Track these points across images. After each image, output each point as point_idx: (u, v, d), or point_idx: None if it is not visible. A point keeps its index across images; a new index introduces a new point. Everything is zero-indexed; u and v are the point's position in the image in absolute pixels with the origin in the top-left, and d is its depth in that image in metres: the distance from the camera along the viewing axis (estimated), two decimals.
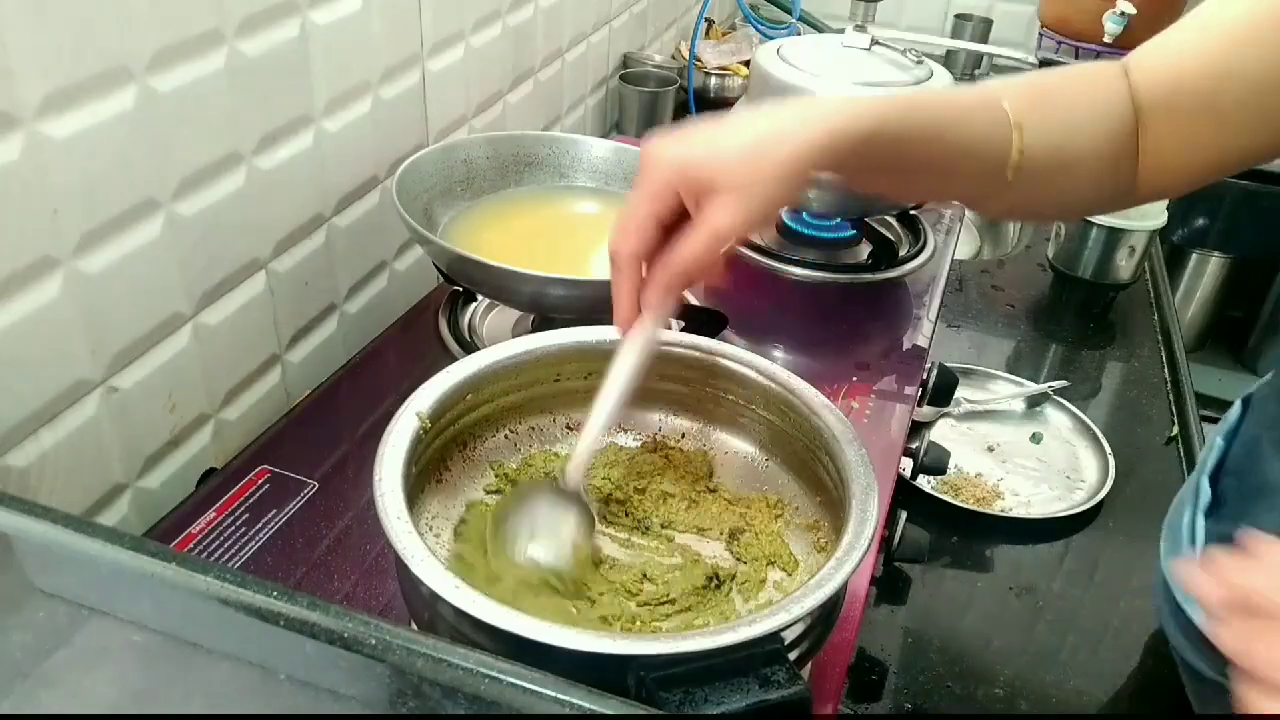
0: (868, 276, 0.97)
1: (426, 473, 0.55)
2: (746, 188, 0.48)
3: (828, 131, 0.49)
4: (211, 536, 0.62)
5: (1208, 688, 0.68)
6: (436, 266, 0.79)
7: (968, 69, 1.87)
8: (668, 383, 0.62)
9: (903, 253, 1.02)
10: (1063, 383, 1.13)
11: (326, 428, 0.73)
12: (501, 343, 0.59)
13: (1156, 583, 0.76)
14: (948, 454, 0.87)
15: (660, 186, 0.49)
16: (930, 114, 0.54)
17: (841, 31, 0.98)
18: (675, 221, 0.50)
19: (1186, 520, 0.71)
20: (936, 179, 0.58)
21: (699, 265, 0.49)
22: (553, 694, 0.33)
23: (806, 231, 1.03)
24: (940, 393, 0.88)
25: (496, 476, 0.59)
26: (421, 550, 0.43)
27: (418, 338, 0.83)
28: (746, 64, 1.59)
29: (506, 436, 0.60)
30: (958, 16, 1.99)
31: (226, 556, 0.61)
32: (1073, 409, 1.09)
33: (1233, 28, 0.57)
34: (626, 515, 0.57)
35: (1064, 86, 0.60)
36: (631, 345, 0.53)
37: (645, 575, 0.53)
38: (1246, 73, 0.56)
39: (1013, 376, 1.14)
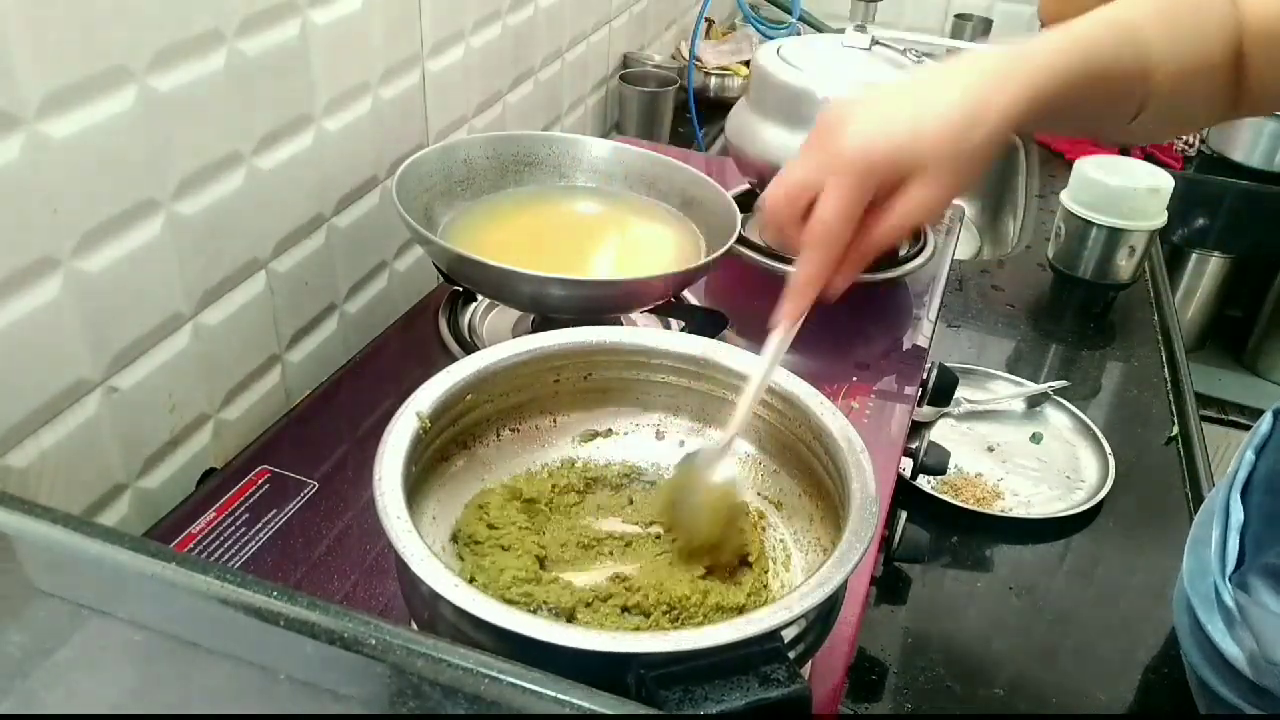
0: (867, 276, 0.97)
1: (426, 473, 0.55)
2: (952, 168, 0.48)
3: (1029, 95, 0.48)
4: (211, 536, 0.62)
5: (1222, 708, 0.67)
6: (436, 266, 0.79)
7: None
8: (668, 383, 0.62)
9: (903, 253, 1.02)
10: (1063, 383, 1.13)
11: (326, 428, 0.73)
12: (501, 343, 0.59)
13: (1177, 597, 0.75)
14: (948, 454, 0.87)
15: (868, 178, 0.48)
16: (1098, 58, 0.53)
17: (841, 31, 0.98)
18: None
19: (1216, 538, 0.69)
20: (1085, 120, 0.58)
21: (896, 242, 0.49)
22: (553, 694, 0.33)
23: None
24: (940, 393, 0.88)
25: (497, 476, 0.59)
26: (421, 550, 0.43)
27: (418, 338, 0.83)
28: (746, 64, 1.59)
29: (507, 436, 0.60)
30: (958, 16, 1.99)
31: (226, 556, 0.61)
32: (1073, 409, 1.09)
33: None
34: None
35: (1187, 9, 0.59)
36: (792, 323, 0.53)
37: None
38: None
39: (1013, 376, 1.14)
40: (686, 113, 1.50)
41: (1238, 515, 0.69)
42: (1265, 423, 0.72)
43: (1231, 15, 0.59)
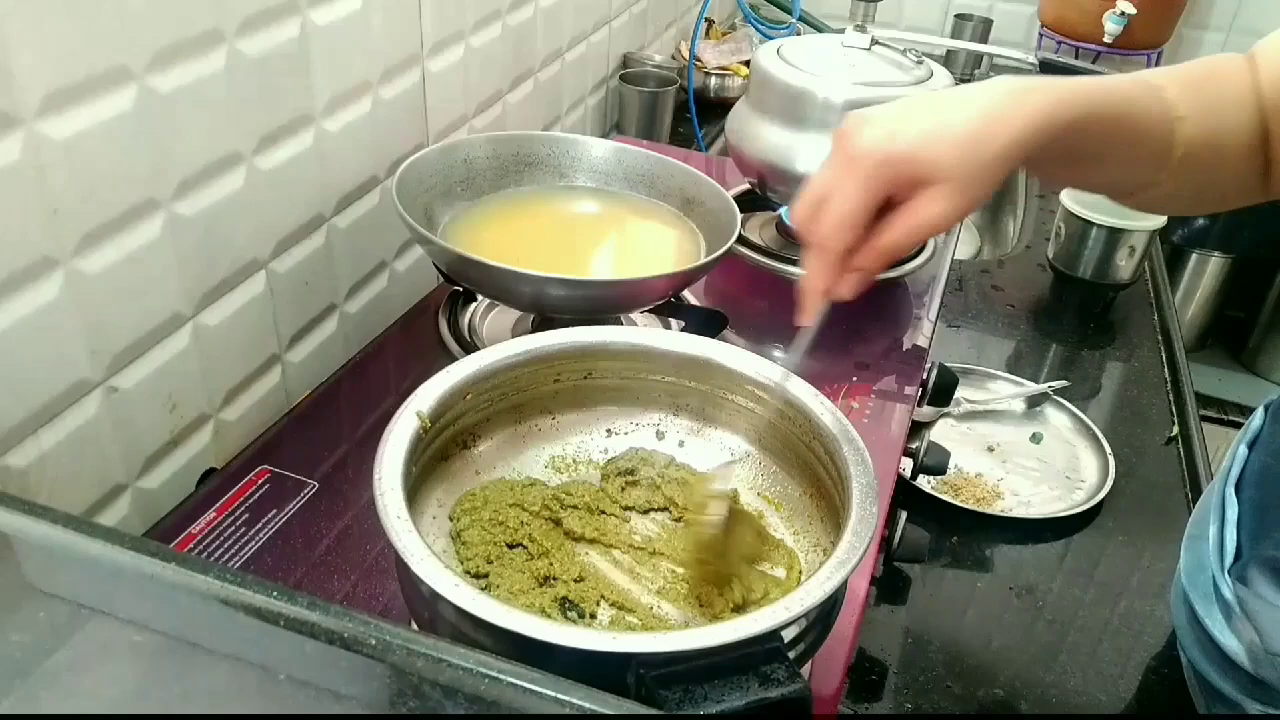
0: None
1: (426, 472, 0.55)
2: (964, 180, 0.48)
3: (1044, 116, 0.48)
4: (211, 536, 0.62)
5: (1223, 707, 0.67)
6: (436, 266, 0.79)
7: (968, 69, 1.87)
8: (668, 383, 0.62)
9: None
10: (1063, 383, 1.13)
11: (326, 428, 0.73)
12: (501, 343, 0.59)
13: (1175, 594, 0.75)
14: (948, 454, 0.87)
15: (874, 180, 0.49)
16: (1116, 99, 0.53)
17: (841, 31, 0.98)
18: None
19: (1213, 534, 0.69)
20: (1108, 167, 0.58)
21: (904, 252, 0.49)
22: (553, 694, 0.33)
23: None
24: (940, 393, 0.88)
25: (497, 476, 0.59)
26: (422, 550, 0.43)
27: (418, 338, 0.83)
28: (746, 64, 1.59)
29: (507, 437, 0.60)
30: (958, 16, 1.99)
31: (226, 556, 0.61)
32: (1073, 409, 1.09)
33: None
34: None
35: (1209, 78, 0.59)
36: (812, 323, 0.53)
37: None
38: None
39: (1013, 376, 1.14)
40: (686, 113, 1.50)
41: (1233, 509, 0.69)
42: (1257, 418, 0.72)
43: (1250, 83, 0.59)
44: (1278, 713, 0.63)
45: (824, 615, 0.49)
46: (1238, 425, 1.99)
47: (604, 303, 0.76)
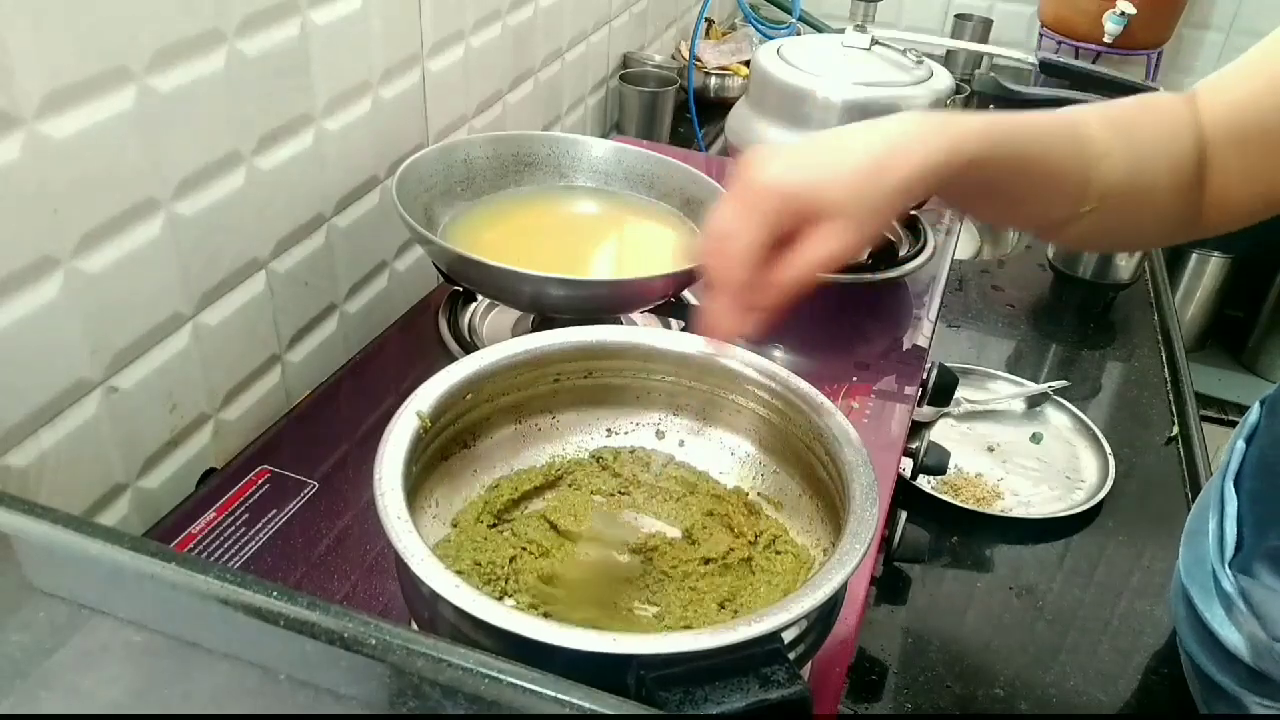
0: (868, 276, 0.97)
1: (427, 472, 0.55)
2: (858, 214, 0.47)
3: (944, 153, 0.48)
4: (211, 536, 0.62)
5: (1222, 701, 0.68)
6: (436, 266, 0.79)
7: (968, 69, 1.87)
8: (668, 382, 0.62)
9: (903, 253, 1.02)
10: (1063, 383, 1.13)
11: (326, 428, 0.73)
12: (501, 343, 0.59)
13: (1174, 589, 0.75)
14: (948, 454, 0.87)
15: (769, 214, 0.48)
16: (1027, 137, 0.54)
17: (841, 31, 0.98)
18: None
19: (1213, 528, 0.69)
20: (1023, 204, 0.58)
21: (801, 288, 0.48)
22: (553, 694, 0.33)
23: None
24: (940, 393, 0.88)
25: (497, 476, 0.59)
26: (422, 550, 0.43)
27: (418, 338, 0.83)
28: (746, 64, 1.59)
29: (507, 436, 0.60)
30: (958, 16, 1.99)
31: (226, 556, 0.61)
32: (1073, 409, 1.09)
33: None
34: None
35: (1140, 116, 0.59)
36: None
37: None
38: None
39: (1013, 376, 1.14)
40: (686, 113, 1.50)
41: (1232, 503, 0.69)
42: (1254, 412, 0.73)
43: (1189, 121, 0.59)
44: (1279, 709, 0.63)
45: (824, 616, 0.49)
46: (1237, 425, 1.99)
47: (604, 303, 0.76)
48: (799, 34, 1.40)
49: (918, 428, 0.86)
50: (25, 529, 0.38)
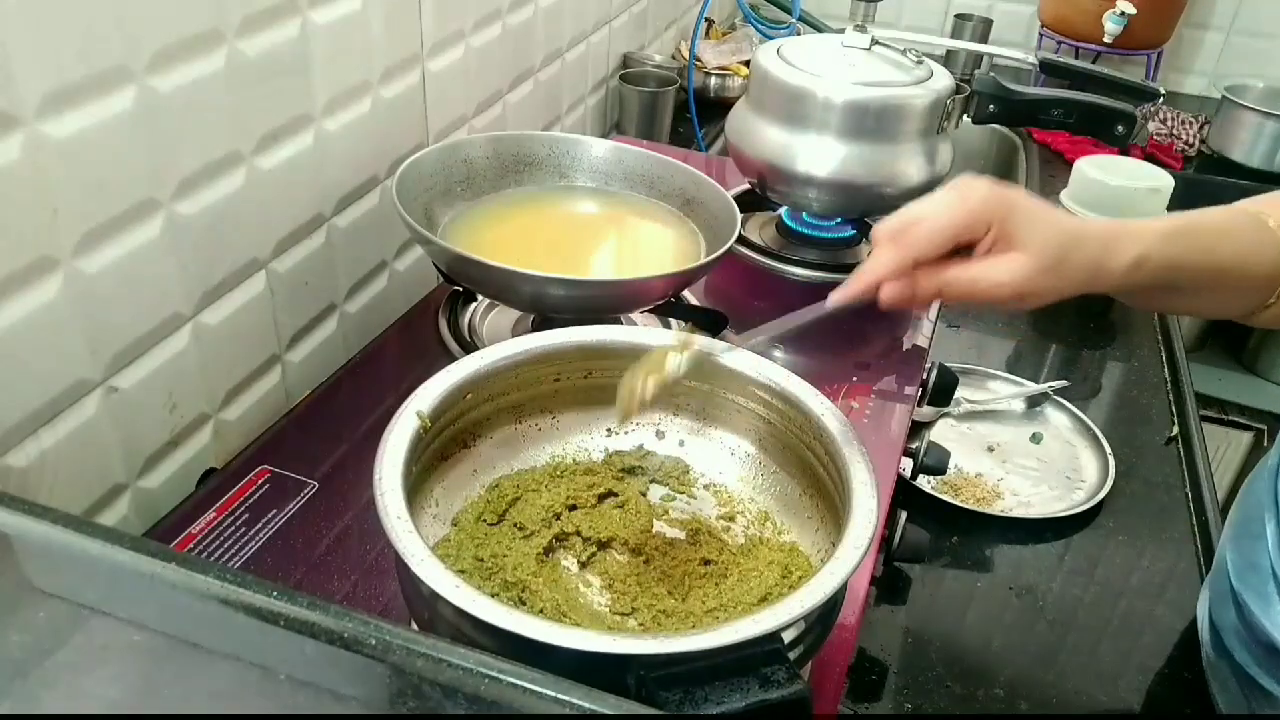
0: None
1: (427, 472, 0.55)
2: (1045, 260, 0.52)
3: (1140, 249, 0.54)
4: (211, 536, 0.62)
5: (1267, 703, 0.67)
6: (436, 266, 0.79)
7: (968, 69, 1.87)
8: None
9: None
10: (1063, 383, 1.13)
11: (326, 428, 0.73)
12: (501, 343, 0.59)
13: (1212, 594, 0.74)
14: (948, 454, 0.87)
15: (975, 211, 0.52)
16: (1200, 235, 0.58)
17: (841, 31, 0.98)
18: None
19: (1271, 533, 0.68)
20: (1208, 295, 0.62)
21: (954, 297, 0.53)
22: (553, 694, 0.33)
23: (806, 231, 1.03)
24: (940, 393, 0.88)
25: (497, 476, 0.59)
26: (422, 550, 0.43)
27: (418, 338, 0.83)
28: (746, 64, 1.59)
29: (507, 436, 0.60)
30: (958, 16, 1.99)
31: (226, 556, 0.61)
32: (1073, 409, 1.09)
33: None
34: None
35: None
36: (831, 308, 0.55)
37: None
38: None
39: (1013, 376, 1.14)
40: (686, 113, 1.50)
41: None
42: None
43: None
44: None
45: (824, 616, 0.49)
46: (1238, 425, 1.99)
47: (604, 303, 0.76)
48: (799, 34, 1.40)
49: (918, 428, 0.86)
50: (25, 529, 0.38)
